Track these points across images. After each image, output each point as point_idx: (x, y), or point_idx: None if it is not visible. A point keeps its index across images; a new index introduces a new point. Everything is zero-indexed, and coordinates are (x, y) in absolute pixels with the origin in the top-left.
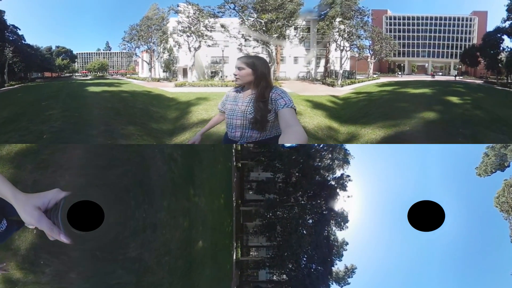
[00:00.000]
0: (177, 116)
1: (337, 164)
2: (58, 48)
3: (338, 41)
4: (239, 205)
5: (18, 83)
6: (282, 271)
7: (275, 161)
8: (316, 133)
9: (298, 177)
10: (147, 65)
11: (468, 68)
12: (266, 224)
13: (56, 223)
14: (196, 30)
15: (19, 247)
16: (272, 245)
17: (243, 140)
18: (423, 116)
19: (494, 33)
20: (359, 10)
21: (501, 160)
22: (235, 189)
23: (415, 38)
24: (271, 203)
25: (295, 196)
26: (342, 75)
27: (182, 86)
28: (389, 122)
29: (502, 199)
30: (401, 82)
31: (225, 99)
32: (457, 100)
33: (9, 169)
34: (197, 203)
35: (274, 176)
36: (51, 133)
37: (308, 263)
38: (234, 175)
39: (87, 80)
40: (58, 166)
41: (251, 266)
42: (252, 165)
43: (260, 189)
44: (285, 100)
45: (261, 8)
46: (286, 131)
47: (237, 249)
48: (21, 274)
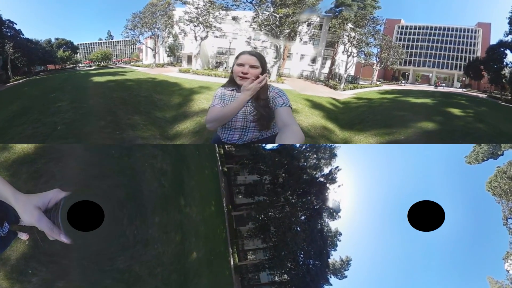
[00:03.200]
0: (179, 102)
1: (328, 163)
2: (57, 40)
3: (346, 46)
4: (230, 211)
5: (23, 77)
6: (283, 271)
7: (259, 163)
8: (309, 131)
9: (284, 177)
10: (151, 52)
11: (472, 81)
12: (259, 226)
13: (56, 223)
14: (205, 21)
15: (9, 256)
16: (269, 246)
17: (241, 141)
18: (421, 126)
19: (497, 46)
20: (373, 19)
21: (494, 149)
22: (224, 194)
23: (422, 47)
24: (261, 205)
25: (284, 195)
26: (346, 79)
27: (186, 72)
28: (384, 130)
29: (494, 184)
30: (403, 90)
31: (222, 97)
32: (459, 112)
33: (7, 172)
34: (189, 214)
35: (260, 178)
36: (64, 124)
37: (305, 259)
38: (221, 180)
39: (91, 70)
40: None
41: (251, 270)
42: (238, 169)
43: (249, 192)
44: (283, 99)
45: (280, 2)
46: (283, 130)
47: (233, 254)
48: (7, 284)
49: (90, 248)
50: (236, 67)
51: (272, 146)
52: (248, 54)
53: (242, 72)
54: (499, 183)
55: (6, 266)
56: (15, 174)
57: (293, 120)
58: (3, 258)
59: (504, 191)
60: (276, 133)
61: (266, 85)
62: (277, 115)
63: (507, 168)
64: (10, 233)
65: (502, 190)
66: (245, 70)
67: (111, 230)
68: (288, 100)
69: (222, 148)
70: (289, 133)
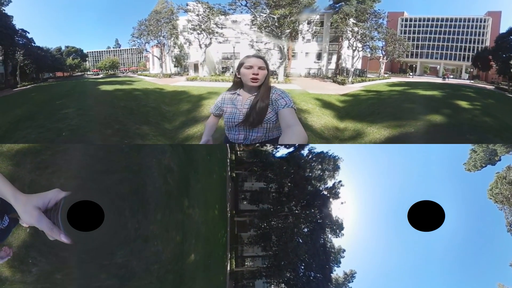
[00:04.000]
0: (189, 108)
1: (331, 175)
2: (68, 48)
3: (350, 41)
4: (233, 216)
5: (31, 83)
6: (280, 280)
7: (267, 171)
8: (323, 132)
9: (290, 187)
10: (157, 61)
11: (480, 72)
12: (260, 234)
13: (56, 223)
14: (207, 28)
15: (10, 243)
16: (268, 255)
17: (247, 141)
18: (429, 118)
19: (507, 34)
20: (374, 13)
21: (490, 155)
22: (229, 199)
23: (429, 39)
24: (265, 213)
25: (289, 205)
26: (353, 73)
27: (193, 80)
28: (395, 123)
29: (495, 191)
30: (412, 83)
31: (221, 102)
32: (466, 105)
33: (9, 168)
34: (191, 215)
35: (267, 186)
36: (69, 131)
37: (306, 271)
38: (228, 185)
39: (99, 78)
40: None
41: (246, 276)
42: (246, 175)
43: (254, 199)
44: (286, 100)
45: (274, 4)
46: (286, 131)
47: (231, 260)
48: (9, 272)
49: (91, 243)
50: (246, 70)
51: (281, 154)
52: (255, 57)
53: (253, 74)
54: (500, 189)
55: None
56: (19, 163)
57: (295, 121)
58: (4, 245)
59: (506, 197)
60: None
61: (269, 87)
62: (280, 117)
63: (506, 173)
64: (10, 224)
65: (504, 196)
66: (255, 71)
67: (113, 225)
68: (291, 101)
69: (233, 153)
70: (292, 134)
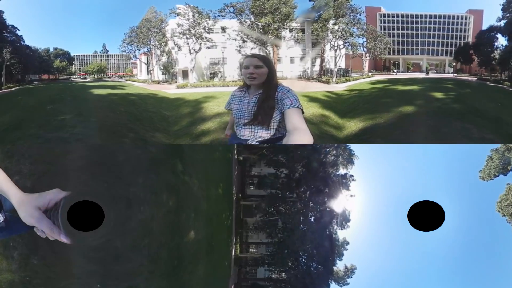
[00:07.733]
0: (190, 112)
1: (341, 162)
2: (56, 50)
3: (331, 42)
4: (239, 199)
5: (16, 85)
6: (282, 269)
7: (279, 155)
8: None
9: (302, 172)
10: (145, 67)
11: (463, 65)
12: (267, 220)
13: (56, 223)
14: (196, 33)
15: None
16: (272, 242)
17: (253, 139)
18: (401, 110)
19: (488, 31)
20: (351, 8)
21: (504, 164)
22: (235, 182)
23: (410, 36)
24: (273, 197)
25: (297, 191)
26: (337, 73)
27: (184, 87)
28: (369, 115)
29: (505, 203)
30: (393, 79)
31: (231, 98)
32: (440, 95)
33: (9, 168)
34: (187, 182)
35: (277, 171)
36: (77, 141)
37: (308, 262)
38: (235, 168)
39: (87, 82)
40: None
41: (249, 263)
42: (255, 160)
43: (262, 184)
44: (291, 100)
45: (258, 11)
46: (291, 132)
47: (236, 245)
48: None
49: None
50: (244, 70)
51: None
52: (250, 56)
53: (249, 73)
54: (511, 201)
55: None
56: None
57: (301, 122)
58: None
59: None
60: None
61: (274, 85)
62: (285, 117)
63: None
64: (9, 222)
65: None
66: (251, 71)
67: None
68: (297, 101)
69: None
70: (296, 135)
